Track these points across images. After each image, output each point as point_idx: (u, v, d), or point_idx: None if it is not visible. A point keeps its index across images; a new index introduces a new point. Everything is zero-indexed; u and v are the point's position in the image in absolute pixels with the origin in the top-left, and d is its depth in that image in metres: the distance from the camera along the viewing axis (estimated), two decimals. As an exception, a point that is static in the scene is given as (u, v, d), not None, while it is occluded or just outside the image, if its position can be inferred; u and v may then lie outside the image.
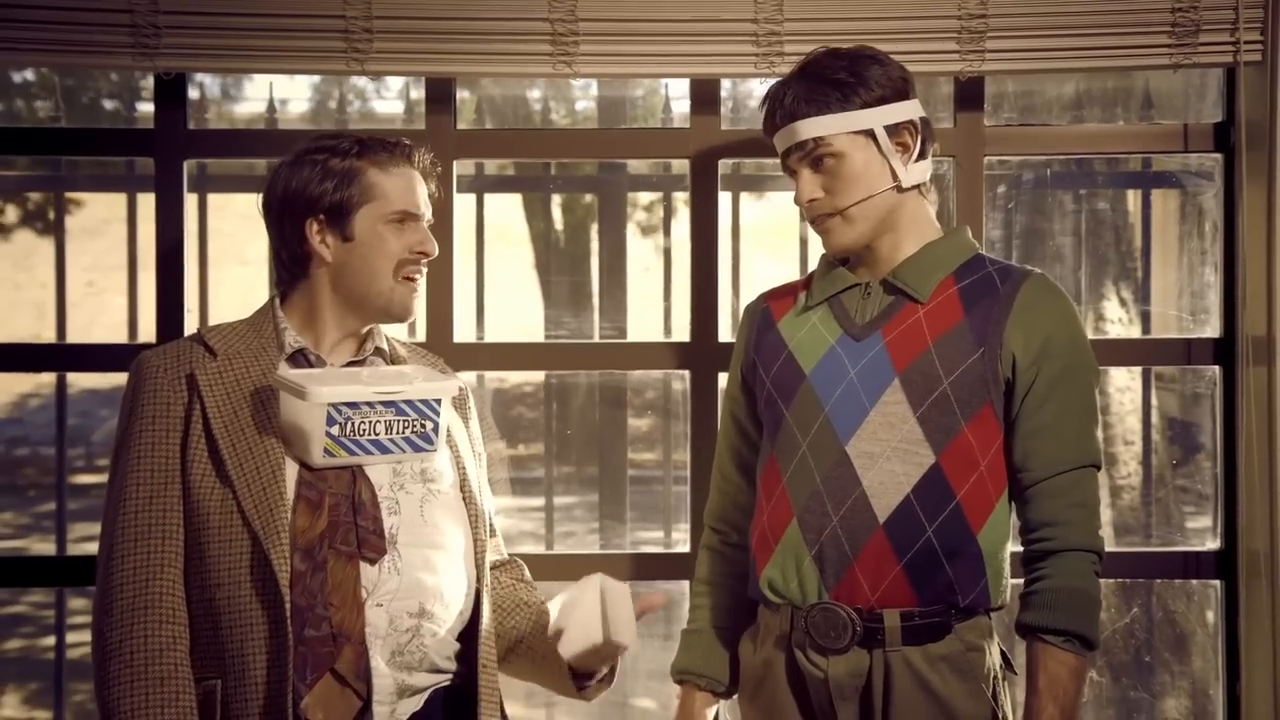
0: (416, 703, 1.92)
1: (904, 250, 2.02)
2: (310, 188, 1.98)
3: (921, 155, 2.02)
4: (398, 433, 1.93)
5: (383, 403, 1.91)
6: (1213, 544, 2.64)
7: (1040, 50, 2.43)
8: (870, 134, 1.98)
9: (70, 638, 3.02)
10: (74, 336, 2.93)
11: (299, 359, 2.00)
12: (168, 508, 1.89)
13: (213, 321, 2.14)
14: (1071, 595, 1.92)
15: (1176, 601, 3.51)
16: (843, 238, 2.01)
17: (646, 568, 2.67)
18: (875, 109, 1.97)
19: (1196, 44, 2.42)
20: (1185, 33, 2.41)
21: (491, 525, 2.14)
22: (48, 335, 2.97)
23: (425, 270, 2.04)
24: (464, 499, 2.03)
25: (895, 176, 1.99)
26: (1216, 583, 2.62)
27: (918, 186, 2.03)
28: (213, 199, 2.97)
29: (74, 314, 2.96)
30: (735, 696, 2.14)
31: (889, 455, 1.94)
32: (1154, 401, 3.16)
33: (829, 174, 1.98)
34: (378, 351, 2.06)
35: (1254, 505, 2.48)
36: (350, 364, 2.02)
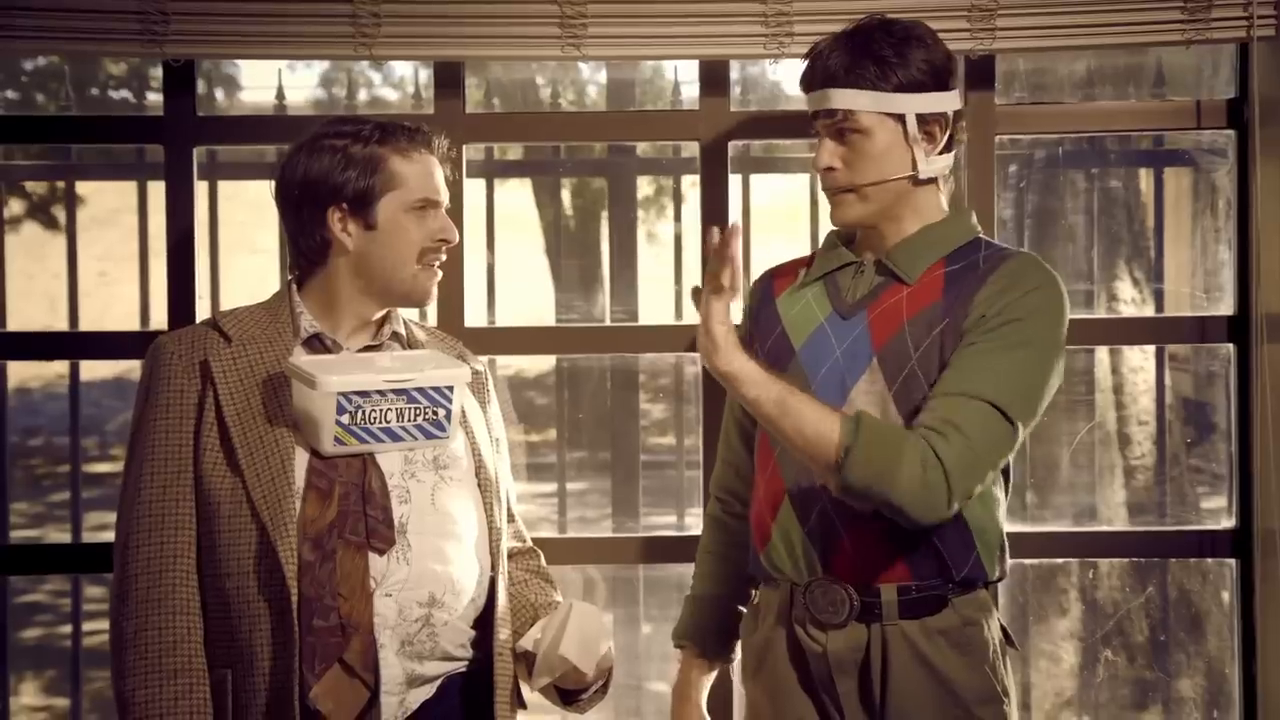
0: (428, 691, 1.92)
1: (904, 233, 2.01)
2: (332, 175, 1.96)
3: (947, 148, 1.99)
4: (409, 420, 1.92)
5: (394, 390, 1.90)
6: (1227, 523, 2.63)
7: (1051, 28, 2.42)
8: (900, 118, 1.95)
9: (87, 625, 3.04)
10: (86, 326, 2.93)
11: (315, 344, 1.99)
12: (181, 497, 1.89)
13: (226, 293, 2.13)
14: (881, 433, 1.83)
15: (1191, 581, 3.50)
16: (850, 213, 2.00)
17: (659, 551, 2.68)
18: (911, 95, 1.95)
19: (1209, 19, 2.40)
20: (1198, 8, 2.40)
21: (510, 511, 2.13)
22: (60, 326, 2.98)
23: (445, 256, 2.04)
24: (479, 484, 2.02)
25: (914, 166, 1.97)
26: (1231, 562, 2.62)
27: (934, 179, 2.01)
28: (223, 187, 2.97)
29: (86, 303, 2.97)
30: (737, 666, 2.17)
31: None
32: (1168, 381, 3.14)
33: (850, 148, 1.97)
34: (394, 336, 2.05)
35: (1269, 484, 2.47)
36: (367, 348, 2.02)
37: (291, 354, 1.96)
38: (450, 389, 1.94)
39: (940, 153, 1.99)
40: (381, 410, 1.90)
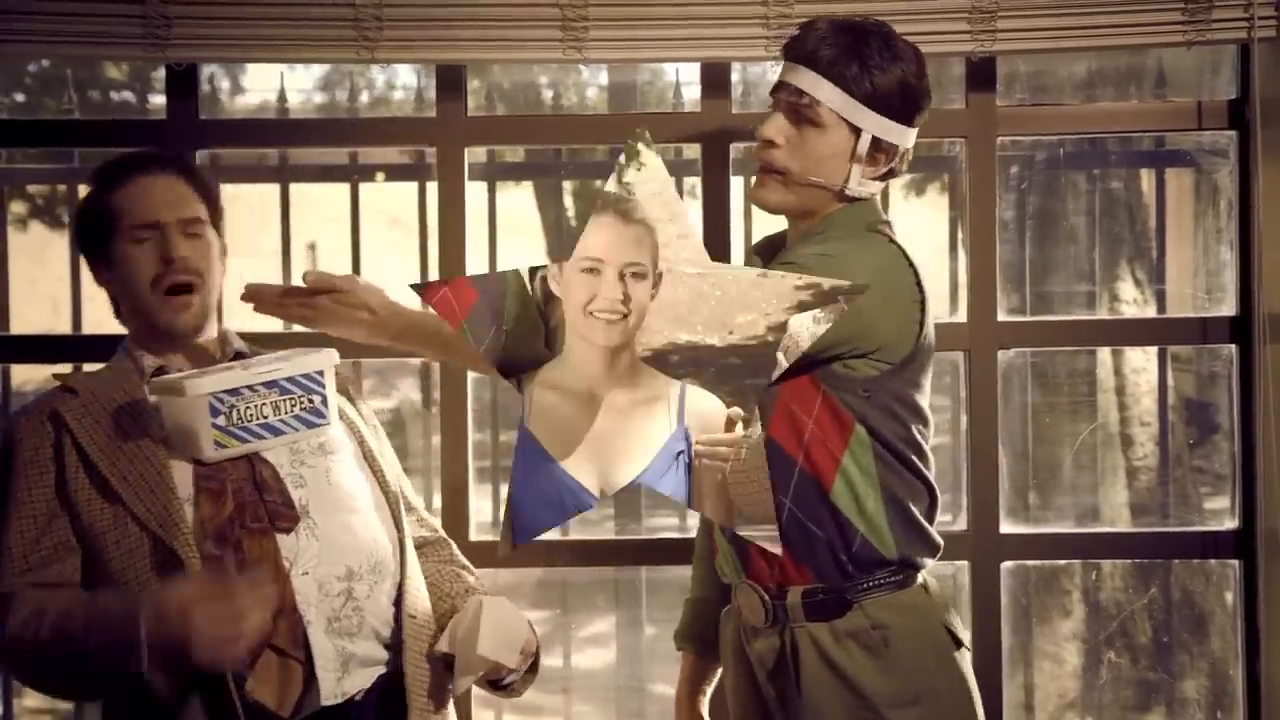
0: (366, 678, 1.88)
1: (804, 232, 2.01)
2: (79, 232, 2.01)
3: (883, 177, 1.98)
4: (287, 412, 1.90)
5: (264, 384, 1.87)
6: (1230, 524, 2.63)
7: (1052, 29, 2.42)
8: (857, 132, 1.94)
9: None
10: (89, 329, 2.93)
11: (161, 375, 1.97)
12: (56, 542, 1.87)
13: (227, 309, 2.12)
14: None
15: (1195, 582, 3.50)
16: (771, 196, 2.00)
17: (661, 553, 2.67)
18: (878, 117, 1.93)
19: (1210, 20, 2.40)
20: (1198, 9, 2.40)
21: (409, 500, 2.10)
22: (63, 329, 2.98)
23: (195, 279, 1.97)
24: (367, 462, 2.01)
25: (847, 179, 1.96)
26: (1235, 563, 2.62)
27: (859, 199, 1.99)
28: (225, 189, 2.96)
29: (89, 307, 2.96)
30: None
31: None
32: (1170, 382, 3.14)
33: (801, 134, 1.95)
34: (239, 354, 2.03)
35: (1272, 484, 2.47)
36: None
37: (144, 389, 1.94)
38: (321, 373, 1.93)
39: (877, 178, 1.98)
40: (257, 406, 1.87)
